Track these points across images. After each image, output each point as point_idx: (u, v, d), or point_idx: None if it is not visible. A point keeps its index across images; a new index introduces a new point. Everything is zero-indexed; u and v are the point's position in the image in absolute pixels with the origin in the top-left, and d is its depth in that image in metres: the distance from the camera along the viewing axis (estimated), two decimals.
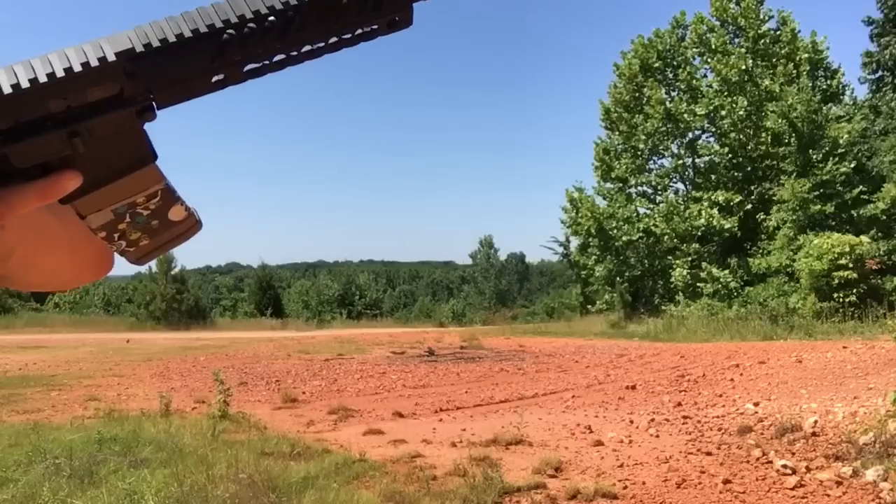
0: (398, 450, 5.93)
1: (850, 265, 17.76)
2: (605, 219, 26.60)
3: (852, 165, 22.08)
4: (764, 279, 22.48)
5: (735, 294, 23.00)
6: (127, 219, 0.53)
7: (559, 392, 9.65)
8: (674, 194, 27.67)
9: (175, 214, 0.55)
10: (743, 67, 24.97)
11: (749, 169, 25.73)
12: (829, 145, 22.27)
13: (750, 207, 24.81)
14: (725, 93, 25.62)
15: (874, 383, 8.09)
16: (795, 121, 22.66)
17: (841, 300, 17.67)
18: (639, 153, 27.89)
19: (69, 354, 15.53)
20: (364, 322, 35.33)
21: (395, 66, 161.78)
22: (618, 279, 26.38)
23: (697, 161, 27.53)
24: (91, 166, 0.49)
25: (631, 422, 7.19)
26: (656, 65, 27.56)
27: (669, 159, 28.03)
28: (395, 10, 0.53)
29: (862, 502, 4.42)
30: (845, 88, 25.84)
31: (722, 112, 25.39)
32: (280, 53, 0.51)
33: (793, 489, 4.66)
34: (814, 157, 22.42)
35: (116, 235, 0.54)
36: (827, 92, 25.11)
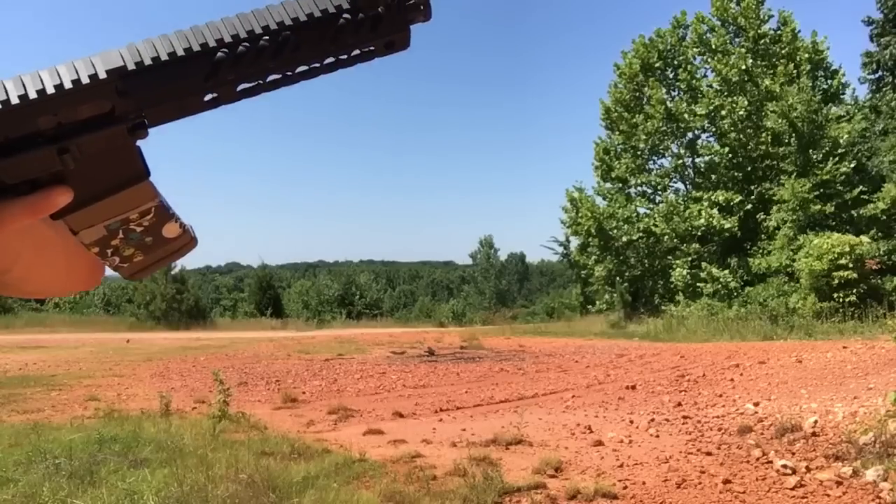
0: (398, 450, 5.93)
1: (850, 265, 17.77)
2: (605, 219, 26.58)
3: (852, 165, 22.08)
4: (764, 279, 22.48)
5: (735, 294, 23.00)
6: (120, 235, 0.53)
7: (559, 392, 9.64)
8: (674, 194, 27.69)
9: (169, 231, 0.55)
10: (743, 67, 24.98)
11: (749, 169, 25.72)
12: (830, 145, 22.28)
13: (750, 207, 24.81)
14: (726, 93, 25.63)
15: (874, 383, 8.09)
16: (795, 121, 22.66)
17: (841, 300, 17.68)
18: (639, 153, 27.90)
19: (69, 354, 15.53)
20: (364, 322, 35.33)
21: (396, 66, 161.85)
22: (618, 279, 26.38)
23: (697, 161, 27.53)
24: (82, 182, 0.48)
25: (631, 422, 7.19)
26: (657, 64, 27.56)
27: (669, 159, 28.08)
28: (393, 32, 0.52)
29: (862, 502, 4.41)
30: (845, 88, 25.88)
31: (722, 112, 25.39)
32: (274, 73, 0.51)
33: (793, 489, 4.66)
34: (814, 157, 22.42)
35: (110, 251, 0.54)
36: (827, 92, 25.11)
